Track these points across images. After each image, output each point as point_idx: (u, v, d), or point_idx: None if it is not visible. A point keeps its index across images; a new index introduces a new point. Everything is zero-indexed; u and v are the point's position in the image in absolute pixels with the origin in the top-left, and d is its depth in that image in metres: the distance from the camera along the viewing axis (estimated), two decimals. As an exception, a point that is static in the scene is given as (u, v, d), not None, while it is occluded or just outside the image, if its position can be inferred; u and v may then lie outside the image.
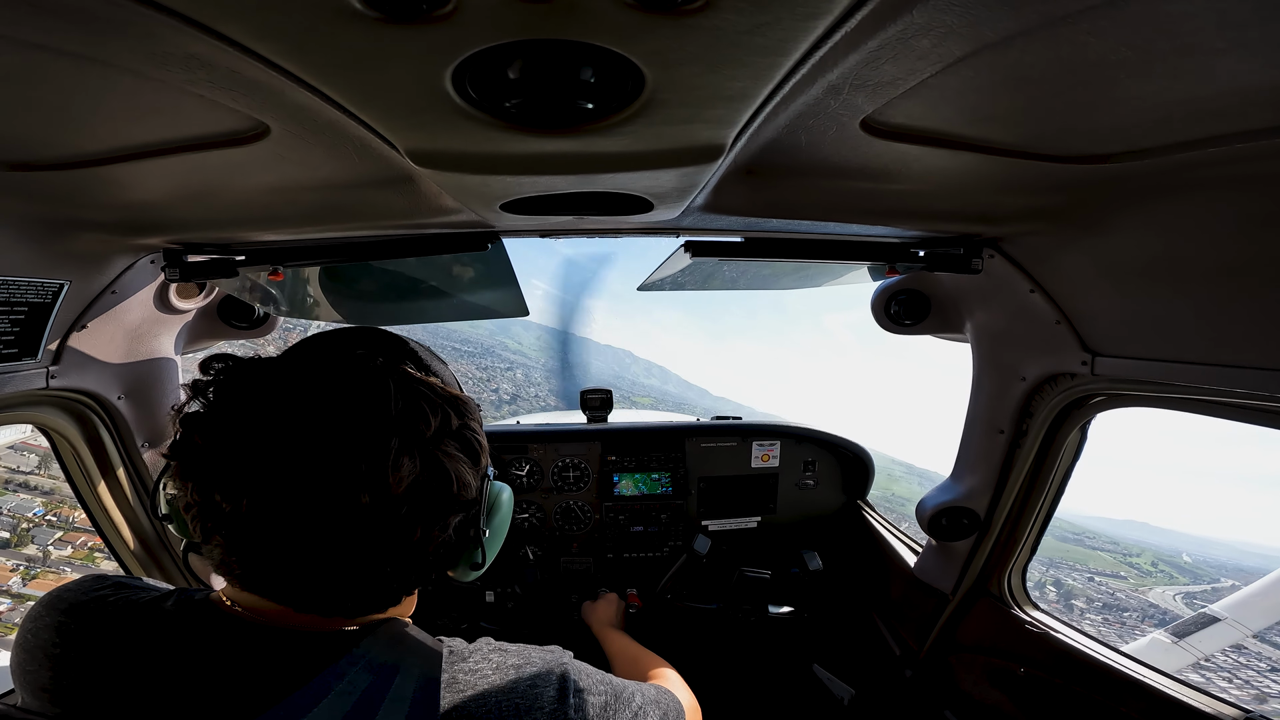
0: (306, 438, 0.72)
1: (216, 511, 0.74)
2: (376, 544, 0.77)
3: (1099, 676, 1.79)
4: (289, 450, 0.72)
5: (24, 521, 17.86)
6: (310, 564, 0.76)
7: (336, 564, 0.77)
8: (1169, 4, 0.60)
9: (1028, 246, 1.56)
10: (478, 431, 0.91)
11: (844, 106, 0.88)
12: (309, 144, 0.99)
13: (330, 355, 0.87)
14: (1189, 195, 1.10)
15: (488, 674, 0.83)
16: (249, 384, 0.77)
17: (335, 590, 0.80)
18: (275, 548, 0.75)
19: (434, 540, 0.83)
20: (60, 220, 1.33)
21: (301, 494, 0.72)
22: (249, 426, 0.73)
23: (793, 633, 2.99)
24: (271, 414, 0.74)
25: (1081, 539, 53.93)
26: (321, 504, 0.72)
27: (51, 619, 0.82)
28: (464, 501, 0.86)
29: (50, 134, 0.95)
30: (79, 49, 0.67)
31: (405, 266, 2.06)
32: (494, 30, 0.59)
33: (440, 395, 0.85)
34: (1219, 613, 5.39)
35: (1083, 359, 1.56)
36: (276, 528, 0.73)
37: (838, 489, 3.05)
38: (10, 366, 1.41)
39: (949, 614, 2.26)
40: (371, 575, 0.80)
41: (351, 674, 0.75)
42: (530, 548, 2.89)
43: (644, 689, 1.02)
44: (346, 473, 0.72)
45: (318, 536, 0.74)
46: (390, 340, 0.94)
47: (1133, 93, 0.80)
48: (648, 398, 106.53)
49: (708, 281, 2.39)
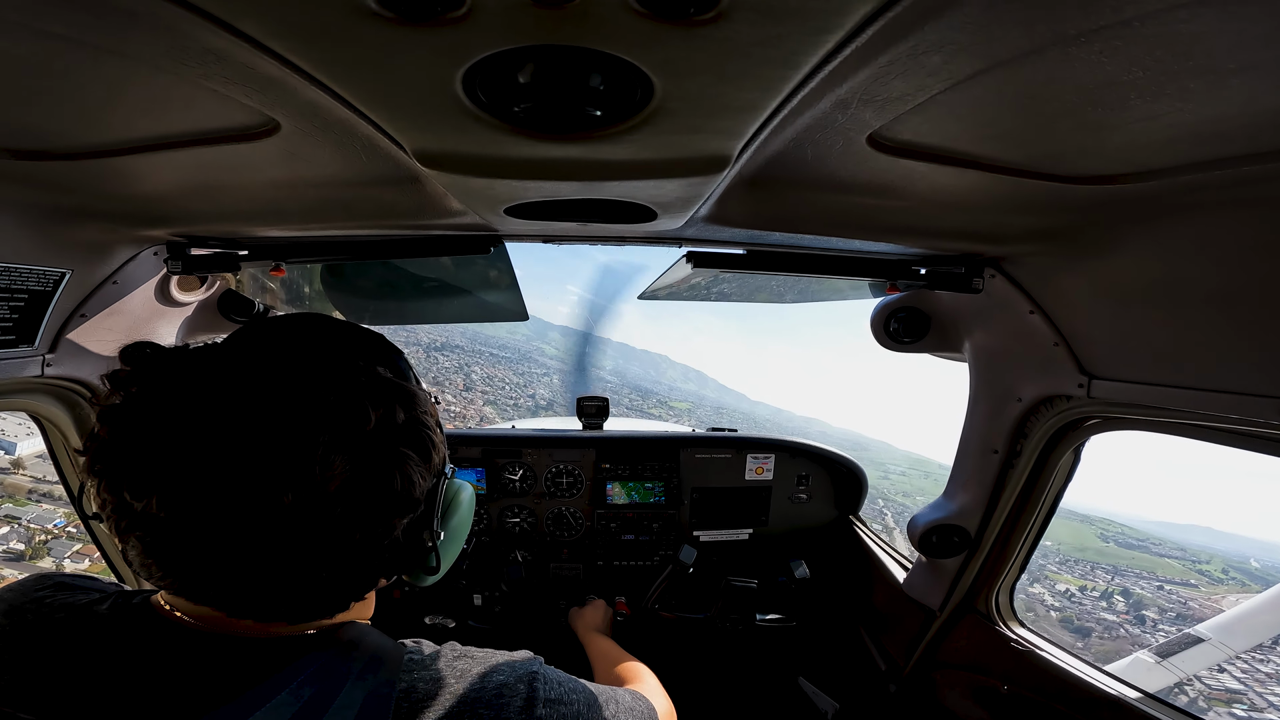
0: (223, 431, 0.66)
1: (128, 510, 0.68)
2: (307, 547, 0.71)
3: (1081, 696, 1.78)
4: (201, 444, 0.65)
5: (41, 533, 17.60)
6: (234, 568, 0.70)
7: (263, 568, 0.70)
8: (1182, 25, 0.60)
9: (1029, 267, 1.57)
10: (430, 427, 0.84)
11: (851, 121, 0.89)
12: (318, 141, 0.99)
13: (263, 343, 0.78)
14: (1192, 218, 1.10)
15: (450, 682, 0.78)
16: (168, 374, 0.71)
17: (268, 595, 0.73)
18: (193, 550, 0.68)
19: (378, 544, 0.77)
20: (66, 209, 1.33)
21: (216, 492, 0.65)
22: (159, 418, 0.67)
23: (779, 645, 2.98)
24: (186, 404, 0.67)
25: (1146, 545, 52.96)
26: (239, 503, 0.66)
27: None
28: (411, 501, 0.79)
29: (61, 124, 0.95)
30: (98, 40, 0.68)
31: (406, 266, 2.06)
32: (506, 34, 0.60)
33: (386, 386, 0.77)
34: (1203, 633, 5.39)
35: (1080, 381, 1.56)
36: (191, 529, 0.67)
37: (830, 503, 3.04)
38: (6, 353, 1.41)
39: (935, 630, 2.25)
40: (306, 580, 0.73)
41: (295, 682, 0.69)
42: (520, 552, 2.88)
43: (619, 695, 0.99)
44: (267, 470, 0.66)
45: (238, 538, 0.67)
46: (336, 327, 0.86)
47: (1142, 113, 0.80)
48: (685, 402, 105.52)
49: (708, 292, 2.39)
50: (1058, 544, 52.53)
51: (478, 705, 0.76)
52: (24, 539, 17.16)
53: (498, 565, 2.86)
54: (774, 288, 2.24)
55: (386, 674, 0.76)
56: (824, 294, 2.25)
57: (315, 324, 0.84)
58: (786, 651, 3.01)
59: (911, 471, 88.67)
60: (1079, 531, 56.25)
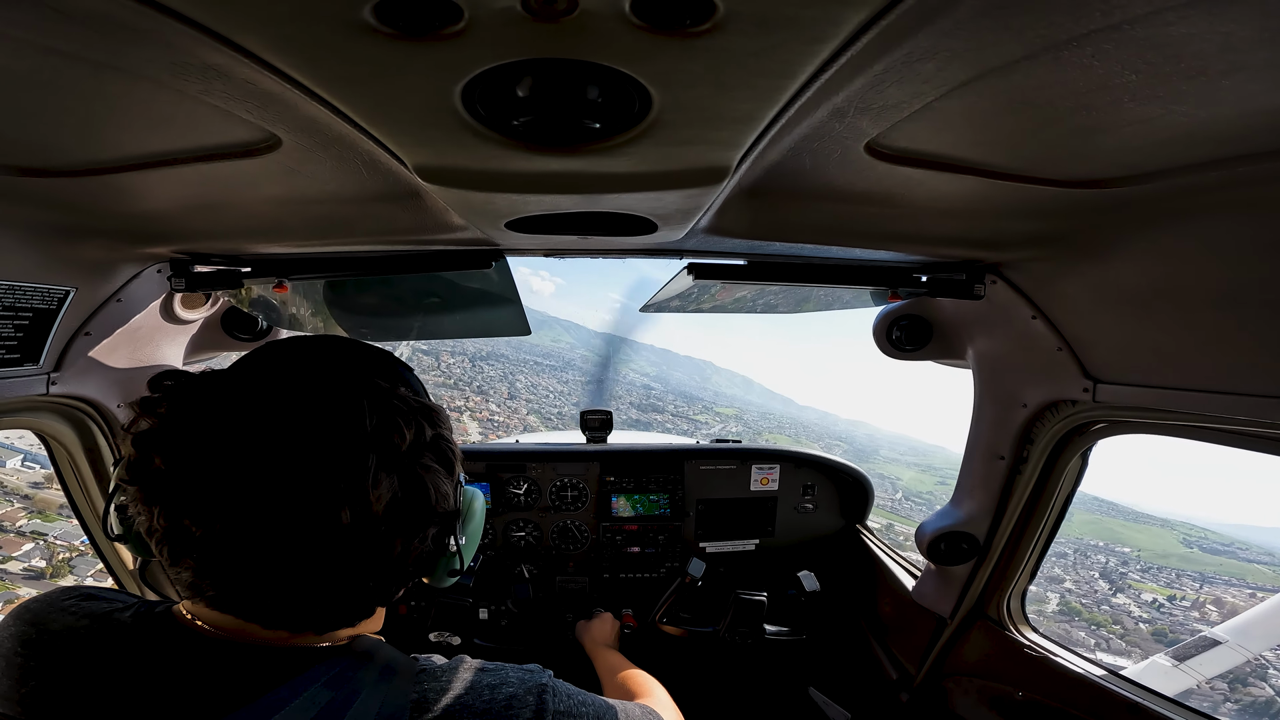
0: (282, 458, 0.70)
1: (186, 536, 0.71)
2: (358, 561, 0.76)
3: (1098, 700, 1.76)
4: (264, 472, 0.69)
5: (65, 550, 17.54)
6: (290, 584, 0.74)
7: (317, 582, 0.75)
8: (1172, 27, 0.61)
9: (1030, 272, 1.57)
10: (450, 441, 0.89)
11: (848, 130, 0.89)
12: (319, 157, 1.00)
13: (295, 368, 0.83)
14: (1192, 220, 1.10)
15: (461, 694, 0.80)
16: (210, 402, 0.74)
17: (311, 606, 0.79)
18: (252, 570, 0.73)
19: (413, 552, 0.82)
20: (69, 227, 1.34)
21: (280, 516, 0.70)
22: (218, 447, 0.70)
23: (789, 655, 2.95)
24: (242, 433, 0.71)
25: (1232, 550, 51.58)
26: (301, 525, 0.70)
27: (15, 628, 0.80)
28: (442, 513, 0.85)
29: (64, 140, 0.96)
30: (99, 56, 0.69)
31: (408, 282, 2.07)
32: (504, 48, 0.60)
33: (413, 407, 0.82)
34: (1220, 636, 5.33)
35: (1084, 386, 1.56)
36: (253, 551, 0.71)
37: (836, 513, 3.03)
38: (11, 372, 1.41)
39: (946, 638, 2.23)
40: (352, 591, 0.79)
41: (311, 690, 0.72)
42: (526, 566, 2.86)
43: (630, 709, 0.99)
44: (326, 493, 0.70)
45: (298, 557, 0.72)
46: (355, 349, 0.91)
47: (1136, 116, 0.81)
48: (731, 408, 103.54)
49: (709, 304, 2.40)
50: (1137, 551, 50.82)
51: (488, 716, 0.78)
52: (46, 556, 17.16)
53: (503, 580, 2.84)
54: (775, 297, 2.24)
55: (400, 684, 0.79)
56: (826, 303, 2.24)
57: (335, 346, 0.89)
58: (797, 662, 2.98)
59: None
60: (1160, 537, 54.66)
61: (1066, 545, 50.46)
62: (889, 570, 2.64)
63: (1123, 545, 55.34)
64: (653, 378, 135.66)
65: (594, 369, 62.71)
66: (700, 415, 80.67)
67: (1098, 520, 68.03)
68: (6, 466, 17.71)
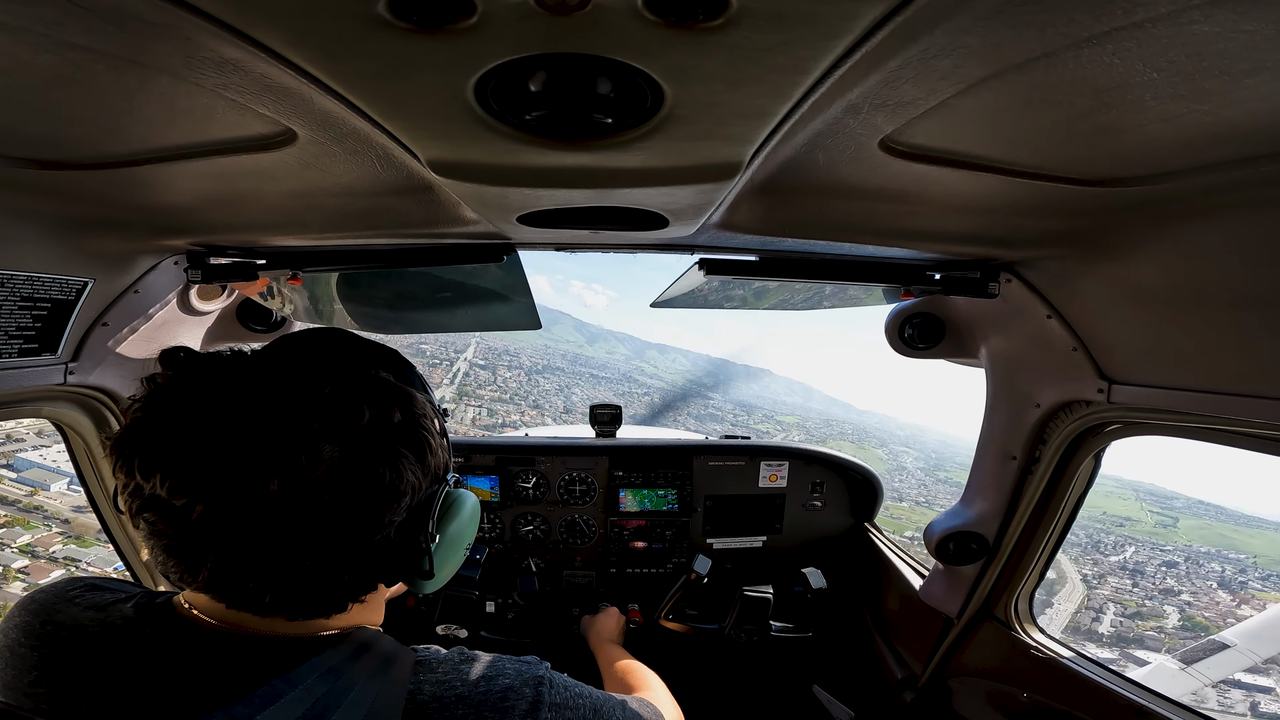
0: (223, 415, 0.70)
1: (139, 491, 0.72)
2: (292, 534, 0.73)
3: (1104, 703, 1.75)
4: (203, 427, 0.70)
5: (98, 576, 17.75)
6: (223, 550, 0.73)
7: (250, 552, 0.73)
8: (1195, 25, 0.60)
9: (1046, 271, 1.55)
10: (429, 431, 0.87)
11: (863, 126, 0.89)
12: (333, 152, 1.00)
13: (281, 350, 0.85)
14: (1213, 219, 1.09)
15: (457, 686, 0.81)
16: (190, 372, 0.76)
17: (252, 582, 0.76)
18: (188, 531, 0.72)
19: (368, 539, 0.79)
20: (88, 220, 1.35)
21: (210, 471, 0.69)
22: (173, 406, 0.72)
23: (793, 653, 2.95)
24: (197, 395, 0.72)
25: None
26: (229, 483, 0.69)
27: (21, 619, 0.82)
28: (397, 494, 0.80)
29: (83, 134, 0.97)
30: (117, 50, 0.69)
31: (420, 275, 2.08)
32: (517, 43, 0.60)
33: (385, 388, 0.81)
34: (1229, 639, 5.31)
35: (1099, 386, 1.54)
36: (187, 508, 0.70)
37: (845, 511, 3.02)
38: (30, 361, 1.43)
39: (953, 638, 2.22)
40: (292, 570, 0.76)
41: (307, 681, 0.72)
42: (533, 559, 2.88)
43: (626, 700, 1.00)
44: (257, 452, 0.70)
45: (228, 519, 0.71)
46: (351, 339, 0.92)
47: (1158, 115, 0.79)
48: (792, 415, 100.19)
49: (720, 300, 2.39)
50: (1253, 558, 49.64)
51: (484, 709, 0.79)
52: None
53: (511, 573, 2.86)
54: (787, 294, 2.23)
55: (396, 675, 0.79)
56: (837, 300, 2.23)
57: (331, 335, 0.91)
58: (801, 660, 2.98)
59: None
60: (1276, 542, 52.79)
61: (1176, 554, 48.80)
62: (896, 569, 2.63)
63: (1236, 551, 54.00)
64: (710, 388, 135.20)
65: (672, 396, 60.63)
66: (761, 424, 78.34)
67: (1206, 525, 64.64)
68: (51, 490, 17.41)
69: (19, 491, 16.92)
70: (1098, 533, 55.00)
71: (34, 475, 18.12)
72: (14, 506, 16.17)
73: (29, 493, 16.82)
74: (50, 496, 17.53)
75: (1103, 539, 52.81)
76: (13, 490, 17.07)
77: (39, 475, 18.11)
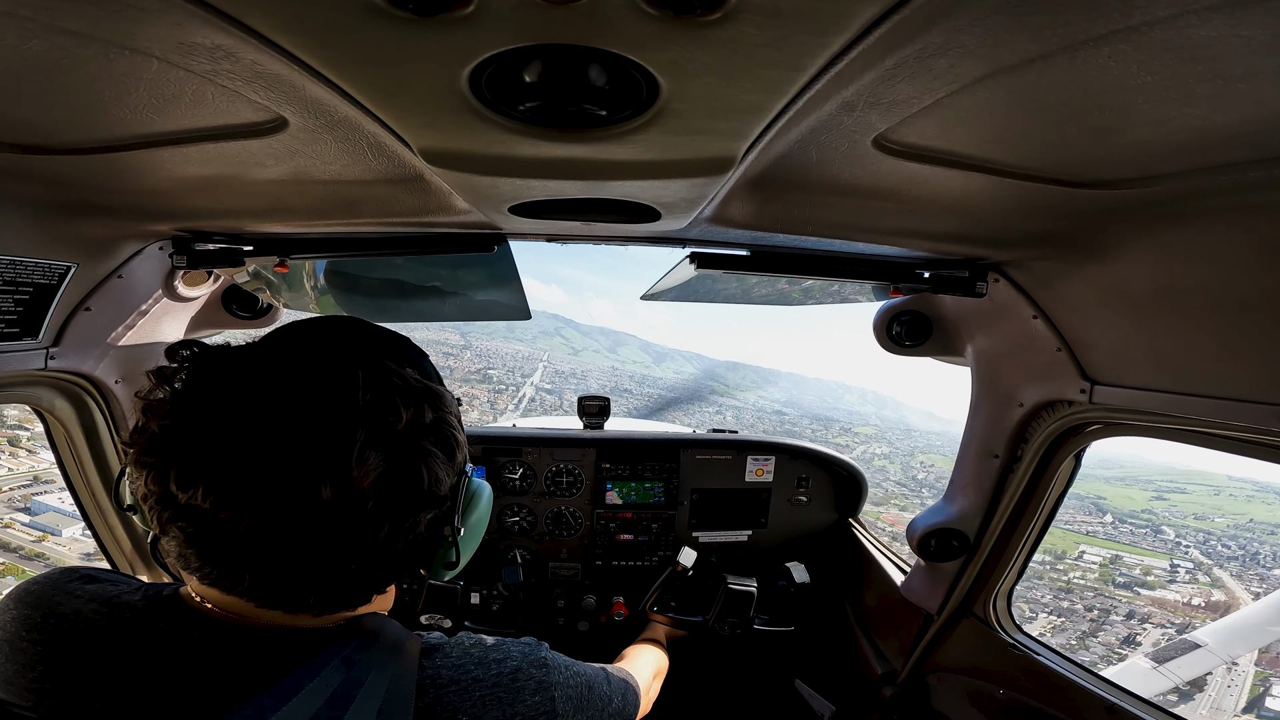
0: (266, 427, 0.70)
1: (172, 501, 0.71)
2: (340, 541, 0.74)
3: (1077, 700, 1.78)
4: (247, 439, 0.69)
5: None
6: (270, 559, 0.73)
7: (297, 560, 0.74)
8: (1194, 29, 0.60)
9: (1033, 272, 1.57)
10: (454, 426, 0.88)
11: (857, 123, 0.89)
12: (324, 139, 0.99)
13: (301, 343, 0.83)
14: (1199, 223, 1.10)
15: (470, 669, 0.84)
16: (213, 371, 0.75)
17: (297, 587, 0.76)
18: (233, 541, 0.71)
19: (403, 538, 0.80)
20: (72, 204, 1.33)
21: (259, 485, 0.69)
22: (207, 413, 0.71)
23: (776, 647, 2.98)
24: (232, 401, 0.71)
25: None
26: (280, 496, 0.69)
27: (19, 612, 0.79)
28: (436, 498, 0.83)
29: (68, 119, 0.95)
30: (107, 35, 0.68)
31: (410, 264, 2.06)
32: (513, 33, 0.60)
33: (415, 387, 0.81)
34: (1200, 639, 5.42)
35: (1081, 387, 1.56)
36: (233, 520, 0.70)
37: (830, 506, 3.04)
38: (9, 346, 1.41)
39: (932, 634, 2.25)
40: (335, 573, 0.77)
41: (324, 672, 0.73)
42: (519, 551, 2.88)
43: (609, 673, 1.11)
44: (307, 465, 0.69)
45: (277, 530, 0.71)
46: (367, 330, 0.91)
47: (1149, 118, 0.80)
48: (870, 426, 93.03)
49: (710, 294, 2.39)
50: None
51: (498, 690, 0.83)
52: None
53: (495, 564, 2.86)
54: (776, 289, 2.24)
55: (407, 662, 0.81)
56: (827, 296, 2.25)
57: (349, 327, 0.89)
58: (783, 654, 3.01)
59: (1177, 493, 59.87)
60: None
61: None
62: (879, 565, 2.66)
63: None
64: (783, 403, 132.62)
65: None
66: (839, 438, 73.83)
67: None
68: (62, 535, 16.30)
69: (26, 537, 15.71)
70: (1249, 542, 46.43)
71: (48, 519, 16.88)
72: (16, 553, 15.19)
73: (37, 538, 15.66)
74: (60, 542, 16.40)
75: (1259, 549, 44.39)
76: (20, 536, 15.71)
77: (53, 520, 16.93)
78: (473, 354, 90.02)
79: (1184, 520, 51.72)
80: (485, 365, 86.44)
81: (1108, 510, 48.65)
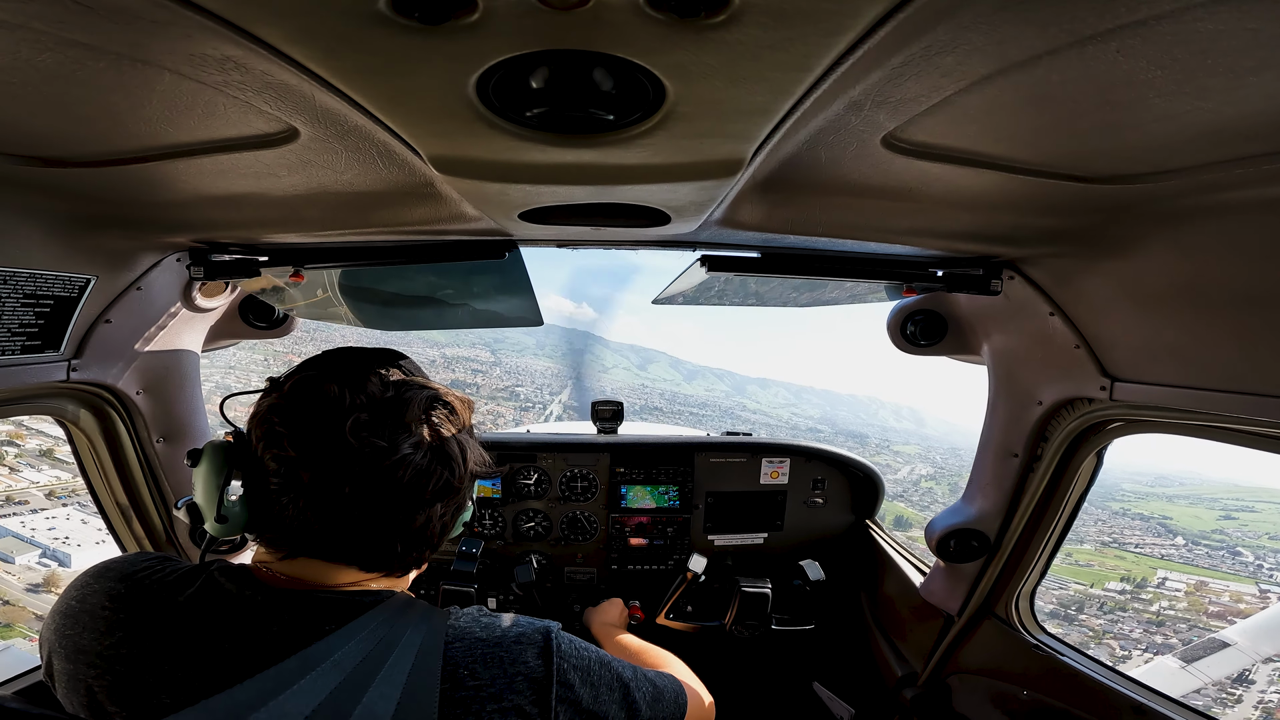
0: (359, 427, 0.90)
1: (297, 480, 0.89)
2: (395, 514, 0.94)
3: (1104, 701, 1.75)
4: (341, 435, 0.89)
5: None
6: (352, 528, 0.93)
7: (377, 519, 0.93)
8: (1200, 23, 0.59)
9: (1049, 268, 1.55)
10: (473, 436, 1.08)
11: (865, 123, 0.89)
12: (335, 148, 1.00)
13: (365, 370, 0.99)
14: (1218, 218, 1.08)
15: (480, 633, 0.96)
16: (315, 390, 0.92)
17: (370, 543, 0.96)
18: (327, 512, 0.90)
19: (436, 521, 1.00)
20: (91, 217, 1.36)
21: (349, 468, 0.89)
22: (318, 422, 0.90)
23: (794, 649, 2.95)
24: (338, 414, 0.90)
25: None
26: (362, 479, 0.89)
27: (102, 586, 0.91)
28: (453, 490, 1.01)
29: (85, 131, 0.97)
30: (119, 48, 0.69)
31: (422, 272, 2.08)
32: (518, 39, 0.60)
33: (455, 409, 1.02)
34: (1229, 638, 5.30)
35: (1101, 384, 1.54)
36: (331, 497, 0.90)
37: (846, 508, 3.02)
38: (32, 358, 1.44)
39: (953, 636, 2.23)
40: (396, 533, 0.97)
41: (373, 625, 0.90)
42: (535, 555, 2.88)
43: (638, 667, 1.14)
44: (384, 457, 0.90)
45: (356, 506, 0.91)
46: (409, 364, 1.09)
47: (1161, 112, 0.79)
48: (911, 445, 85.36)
49: (722, 297, 2.39)
50: None
51: (500, 647, 0.94)
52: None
53: (511, 569, 2.87)
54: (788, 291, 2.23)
55: (436, 623, 0.96)
56: (839, 297, 2.23)
57: (392, 358, 1.07)
58: (801, 656, 2.99)
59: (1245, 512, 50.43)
60: None
61: None
62: (897, 566, 2.63)
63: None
64: (818, 420, 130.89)
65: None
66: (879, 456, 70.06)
67: None
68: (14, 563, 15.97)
69: (-28, 566, 14.66)
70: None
71: (4, 545, 16.31)
72: (-45, 584, 14.07)
73: (-15, 568, 14.68)
74: (10, 570, 15.89)
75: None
76: (-35, 564, 14.69)
77: (9, 545, 16.36)
78: (502, 370, 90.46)
79: (1259, 540, 45.62)
80: (514, 382, 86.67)
81: (1177, 532, 44.43)
